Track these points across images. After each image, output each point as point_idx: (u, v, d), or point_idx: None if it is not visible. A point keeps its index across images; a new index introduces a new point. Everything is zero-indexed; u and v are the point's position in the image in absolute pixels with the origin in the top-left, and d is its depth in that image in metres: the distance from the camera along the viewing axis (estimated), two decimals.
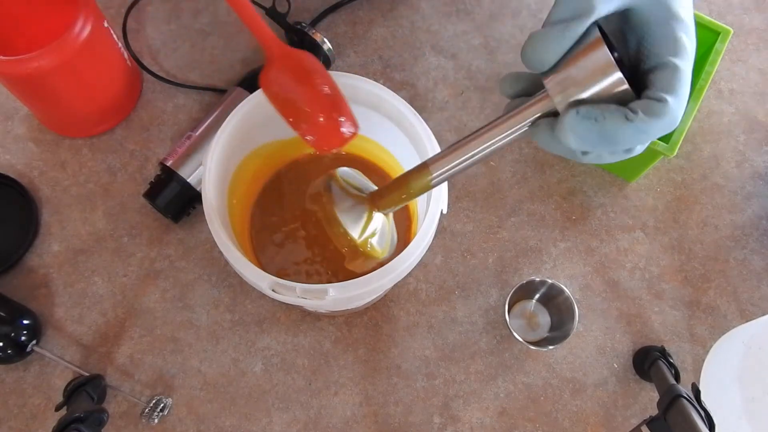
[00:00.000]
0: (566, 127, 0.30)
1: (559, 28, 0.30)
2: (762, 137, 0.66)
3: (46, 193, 0.61)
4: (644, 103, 0.30)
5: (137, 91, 0.65)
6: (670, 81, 0.30)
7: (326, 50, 0.63)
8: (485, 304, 0.59)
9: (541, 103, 0.32)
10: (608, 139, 0.30)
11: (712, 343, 0.59)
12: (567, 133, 0.31)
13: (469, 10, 0.70)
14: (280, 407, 0.56)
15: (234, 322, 0.58)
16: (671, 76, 0.30)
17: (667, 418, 0.47)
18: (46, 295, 0.58)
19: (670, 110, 0.30)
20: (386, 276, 0.42)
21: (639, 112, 0.29)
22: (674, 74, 0.30)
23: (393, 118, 0.50)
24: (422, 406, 0.56)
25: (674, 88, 0.30)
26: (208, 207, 0.44)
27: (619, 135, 0.30)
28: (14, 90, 0.58)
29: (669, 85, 0.30)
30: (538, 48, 0.31)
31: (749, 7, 0.72)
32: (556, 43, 0.31)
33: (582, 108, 0.30)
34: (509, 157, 0.64)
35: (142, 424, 0.55)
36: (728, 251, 0.62)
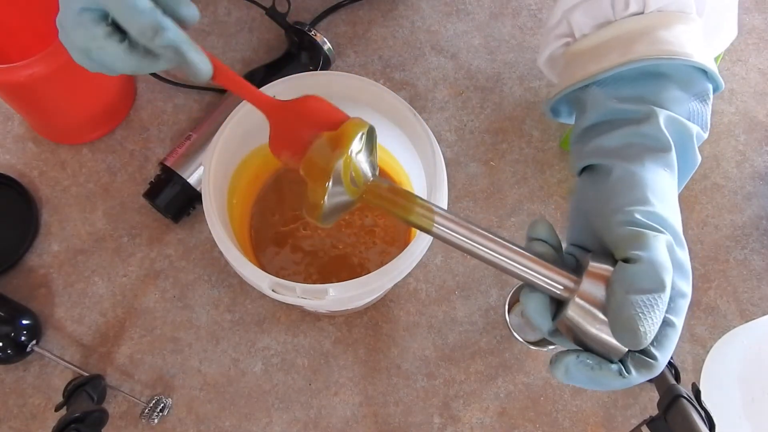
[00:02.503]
0: (562, 366, 0.31)
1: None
2: (762, 137, 0.66)
3: (46, 193, 0.61)
4: (638, 360, 0.31)
5: (131, 98, 0.65)
6: (665, 339, 0.31)
7: (326, 50, 0.63)
8: (485, 304, 0.59)
9: (552, 290, 0.33)
10: (596, 384, 0.32)
11: (712, 343, 0.59)
12: (560, 369, 0.32)
13: (469, 10, 0.70)
14: (280, 407, 0.56)
15: (234, 322, 0.58)
16: (668, 335, 0.32)
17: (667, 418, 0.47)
18: (46, 295, 0.58)
19: (658, 367, 0.31)
20: (386, 276, 0.42)
21: (632, 371, 0.31)
22: (671, 333, 0.32)
23: (393, 118, 0.50)
24: (422, 406, 0.56)
25: (667, 346, 0.32)
26: (208, 207, 0.44)
27: (608, 384, 0.31)
28: (7, 98, 0.58)
29: (663, 344, 0.31)
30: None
31: (749, 7, 0.72)
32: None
33: (582, 355, 0.31)
34: (509, 157, 0.64)
35: (142, 424, 0.55)
36: (728, 251, 0.62)
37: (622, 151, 0.37)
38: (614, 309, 0.30)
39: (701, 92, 0.40)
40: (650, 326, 0.29)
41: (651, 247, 0.31)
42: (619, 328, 0.30)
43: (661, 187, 0.35)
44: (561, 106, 0.49)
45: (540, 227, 0.35)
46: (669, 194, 0.35)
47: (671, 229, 0.33)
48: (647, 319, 0.29)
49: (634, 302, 0.29)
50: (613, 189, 0.36)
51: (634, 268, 0.30)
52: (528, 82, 0.67)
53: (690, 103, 0.40)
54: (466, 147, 0.64)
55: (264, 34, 0.68)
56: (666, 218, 0.33)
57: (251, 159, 0.53)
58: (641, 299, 0.29)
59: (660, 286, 0.30)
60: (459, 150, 0.64)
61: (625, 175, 0.36)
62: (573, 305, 0.31)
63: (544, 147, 0.65)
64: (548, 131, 0.65)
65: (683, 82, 0.40)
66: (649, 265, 0.30)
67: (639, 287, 0.30)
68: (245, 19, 0.69)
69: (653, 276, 0.30)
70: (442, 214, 0.34)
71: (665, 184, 0.36)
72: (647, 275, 0.30)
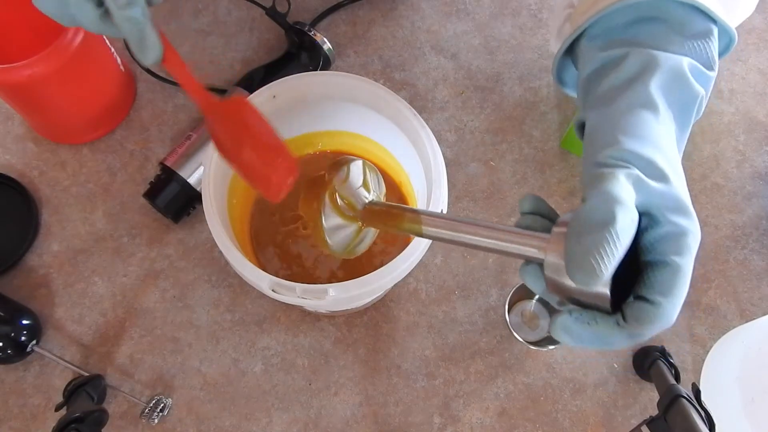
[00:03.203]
0: (559, 327, 0.30)
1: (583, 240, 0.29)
2: (762, 137, 0.66)
3: (46, 193, 0.61)
4: (636, 307, 0.29)
5: (131, 98, 0.65)
6: (669, 282, 0.29)
7: (326, 50, 0.63)
8: (485, 304, 0.59)
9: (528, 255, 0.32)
10: (602, 341, 0.30)
11: (712, 343, 0.59)
12: (560, 333, 0.30)
13: (469, 10, 0.70)
14: (280, 407, 0.56)
15: (234, 322, 0.58)
16: (671, 277, 0.29)
17: (667, 418, 0.47)
18: (46, 295, 0.58)
19: (664, 314, 0.28)
20: (386, 276, 0.42)
21: (629, 319, 0.29)
22: (675, 275, 0.29)
23: (393, 118, 0.50)
24: (422, 406, 0.56)
25: (671, 290, 0.29)
26: (208, 207, 0.44)
27: (611, 339, 0.29)
28: (6, 98, 0.57)
29: (667, 287, 0.29)
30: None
31: None
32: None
33: (575, 312, 0.30)
34: (509, 157, 0.64)
35: (142, 424, 0.55)
36: (728, 251, 0.62)
37: (599, 100, 0.37)
38: (566, 251, 0.29)
39: (700, 32, 0.38)
40: (601, 260, 0.27)
41: (602, 183, 0.30)
42: (570, 269, 0.28)
43: (634, 125, 0.34)
44: (568, 76, 0.49)
45: (526, 201, 0.35)
46: (645, 131, 0.34)
47: (641, 161, 0.32)
48: (597, 254, 0.27)
49: (582, 241, 0.28)
50: (587, 140, 0.35)
51: (583, 207, 0.29)
52: (528, 82, 0.67)
53: (686, 43, 0.38)
54: (466, 147, 0.64)
55: (264, 34, 0.68)
56: (634, 152, 0.32)
57: None
58: (590, 236, 0.28)
59: (608, 219, 0.28)
60: (459, 150, 0.64)
61: (597, 123, 0.35)
62: (546, 264, 0.31)
63: (544, 147, 0.65)
64: (548, 131, 0.65)
65: (677, 23, 0.38)
66: (597, 199, 0.29)
67: (587, 224, 0.28)
68: (245, 19, 0.69)
69: (600, 209, 0.29)
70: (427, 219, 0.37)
71: (641, 121, 0.34)
72: (594, 210, 0.29)
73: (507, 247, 0.33)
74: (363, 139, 0.55)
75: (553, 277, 0.31)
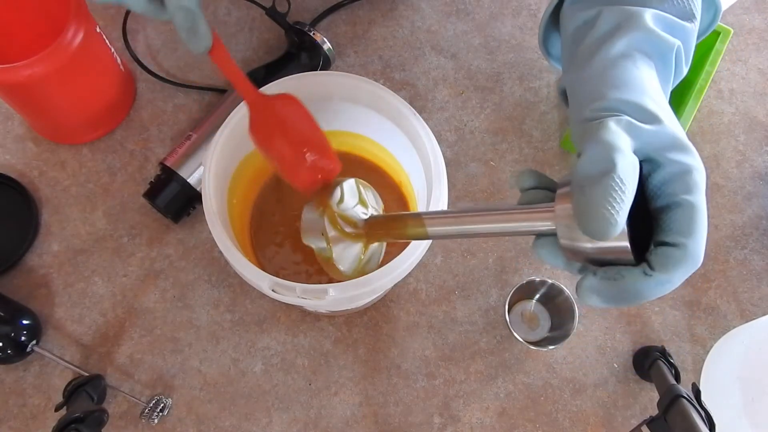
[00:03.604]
0: (587, 289, 0.29)
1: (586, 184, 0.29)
2: (762, 137, 0.66)
3: (46, 193, 0.61)
4: (661, 252, 0.28)
5: (131, 98, 0.65)
6: (687, 221, 0.28)
7: (326, 50, 0.63)
8: (485, 304, 0.59)
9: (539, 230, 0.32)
10: (632, 296, 0.29)
11: (712, 343, 0.59)
12: (589, 295, 0.29)
13: (469, 10, 0.70)
14: (280, 407, 0.56)
15: (234, 322, 0.58)
16: (688, 215, 0.28)
17: (667, 418, 0.47)
18: (46, 295, 0.58)
19: (689, 254, 0.28)
20: (386, 276, 0.42)
21: (656, 266, 0.28)
22: (690, 213, 0.28)
23: (393, 118, 0.50)
24: (422, 406, 0.56)
25: (692, 229, 0.28)
26: (208, 207, 0.44)
27: (643, 290, 0.28)
28: (6, 98, 0.57)
29: (686, 226, 0.28)
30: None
31: (749, 7, 0.72)
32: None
33: (599, 271, 0.29)
34: (509, 157, 0.64)
35: (142, 424, 0.55)
36: (728, 251, 0.62)
37: (578, 61, 0.36)
38: (575, 208, 0.28)
39: None
40: (612, 208, 0.27)
41: (593, 133, 0.30)
42: (584, 224, 0.28)
43: (616, 76, 0.33)
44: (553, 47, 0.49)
45: (525, 177, 0.34)
46: (630, 79, 0.33)
47: (630, 107, 0.31)
48: (607, 202, 0.27)
49: (587, 192, 0.27)
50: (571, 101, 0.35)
51: (580, 159, 0.29)
52: (528, 82, 0.67)
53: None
54: (466, 147, 0.64)
55: (264, 34, 0.68)
56: (622, 99, 0.31)
57: (251, 159, 0.53)
58: (594, 186, 0.27)
59: (609, 166, 0.27)
60: (459, 150, 0.64)
61: (578, 81, 0.35)
62: (558, 232, 0.30)
63: (544, 147, 0.65)
64: (548, 131, 0.65)
65: None
66: (593, 150, 0.29)
67: (586, 175, 0.28)
68: (245, 19, 0.69)
69: (598, 158, 0.28)
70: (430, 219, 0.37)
71: (624, 71, 0.34)
72: (592, 160, 0.28)
73: (515, 227, 0.32)
74: (363, 139, 0.55)
75: (569, 242, 0.30)
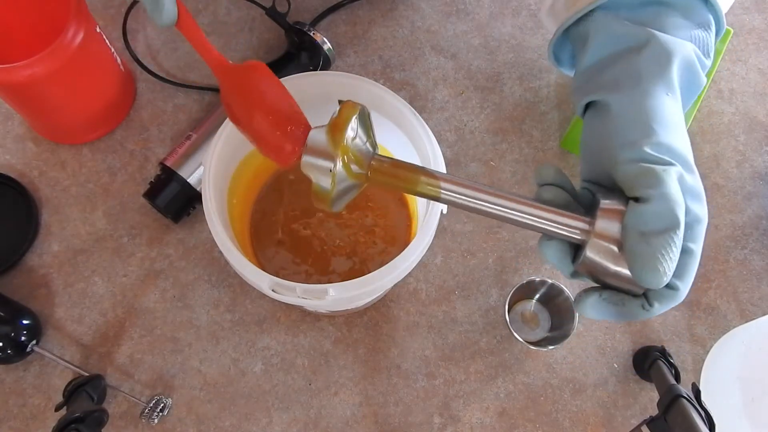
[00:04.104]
0: (588, 306, 0.32)
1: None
2: (762, 137, 0.66)
3: (46, 193, 0.61)
4: (660, 293, 0.31)
5: (131, 98, 0.65)
6: (685, 268, 0.31)
7: (326, 50, 0.63)
8: (485, 304, 0.59)
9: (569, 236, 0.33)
10: (623, 318, 0.32)
11: (712, 343, 0.59)
12: (588, 310, 0.32)
13: (469, 10, 0.70)
14: (280, 407, 0.56)
15: (234, 322, 0.58)
16: (686, 263, 0.31)
17: (667, 418, 0.47)
18: (46, 295, 0.58)
19: (680, 295, 0.31)
20: (386, 276, 0.42)
21: (655, 303, 0.31)
22: (690, 261, 0.31)
23: (393, 118, 0.50)
24: (422, 406, 0.56)
25: (688, 274, 0.31)
26: (208, 207, 0.44)
27: (633, 316, 0.32)
28: (6, 98, 0.57)
29: (684, 273, 0.31)
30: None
31: (749, 7, 0.72)
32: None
33: (605, 293, 0.32)
34: (509, 157, 0.64)
35: (142, 424, 0.55)
36: (728, 251, 0.62)
37: (622, 82, 0.37)
38: (631, 250, 0.30)
39: (703, 22, 0.39)
40: (669, 264, 0.29)
41: (661, 183, 0.31)
42: (638, 270, 0.30)
43: (663, 113, 0.34)
44: (563, 54, 0.48)
45: (546, 171, 0.35)
46: (673, 119, 0.35)
47: (680, 158, 0.33)
48: (665, 258, 0.29)
49: (650, 243, 0.29)
50: (616, 123, 0.35)
51: (647, 208, 0.30)
52: (528, 82, 0.67)
53: (692, 31, 0.39)
54: (466, 147, 0.64)
55: (264, 34, 0.68)
56: (673, 146, 0.33)
57: (251, 159, 0.53)
58: (658, 240, 0.29)
59: (675, 224, 0.30)
60: (459, 150, 0.64)
61: (627, 107, 0.35)
62: (591, 246, 0.31)
63: (544, 147, 0.65)
64: (548, 131, 0.65)
65: (684, 9, 0.39)
66: (662, 203, 0.30)
67: (654, 228, 0.30)
68: (245, 19, 0.69)
69: (667, 213, 0.30)
70: (448, 179, 0.35)
71: (669, 108, 0.35)
72: (661, 214, 0.30)
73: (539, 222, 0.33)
74: None
75: (596, 260, 0.31)
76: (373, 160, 0.37)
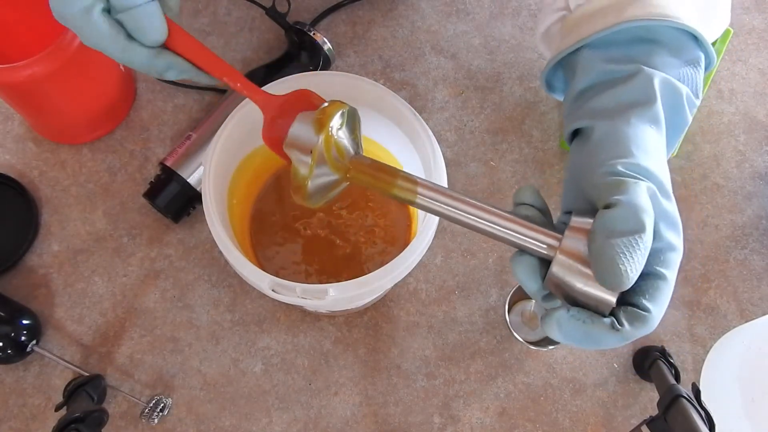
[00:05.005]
0: (554, 321, 0.31)
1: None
2: (762, 137, 0.66)
3: (46, 193, 0.61)
4: (630, 313, 0.31)
5: (131, 98, 0.65)
6: (657, 292, 0.31)
7: (326, 50, 0.63)
8: (485, 304, 0.59)
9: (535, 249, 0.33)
10: (591, 340, 0.31)
11: (712, 343, 0.59)
12: (553, 327, 0.31)
13: (469, 10, 0.70)
14: (280, 407, 0.56)
15: (234, 322, 0.58)
16: (659, 287, 0.31)
17: (667, 418, 0.47)
18: (46, 295, 0.58)
19: (652, 320, 0.30)
20: (386, 276, 0.42)
21: (625, 324, 0.30)
22: (662, 286, 0.31)
23: (393, 118, 0.50)
24: (422, 406, 0.56)
25: (660, 299, 0.31)
26: (208, 207, 0.44)
27: (603, 339, 0.31)
28: (6, 98, 0.57)
29: (655, 297, 0.31)
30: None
31: (749, 7, 0.72)
32: None
33: (573, 310, 0.31)
34: (509, 157, 0.64)
35: (142, 424, 0.55)
36: (728, 251, 0.62)
37: (608, 111, 0.37)
38: (595, 253, 0.30)
39: (692, 59, 0.40)
40: (631, 265, 0.29)
41: (630, 191, 0.31)
42: (600, 271, 0.30)
43: (645, 141, 0.35)
44: (556, 80, 0.49)
45: (524, 192, 0.35)
46: (654, 148, 0.35)
47: (655, 179, 0.33)
48: (628, 258, 0.29)
49: (614, 244, 0.29)
50: (596, 146, 0.36)
51: (613, 212, 0.30)
52: (528, 82, 0.67)
53: (681, 69, 0.40)
54: (466, 147, 0.64)
55: (264, 34, 0.68)
56: (650, 169, 0.33)
57: (251, 159, 0.53)
58: (621, 240, 0.29)
59: (640, 227, 0.30)
60: (459, 150, 0.64)
61: (608, 132, 0.36)
62: (557, 261, 0.31)
63: (544, 147, 0.65)
64: (548, 131, 0.65)
65: (674, 47, 0.40)
66: (628, 207, 0.30)
67: (618, 229, 0.30)
68: (245, 19, 0.69)
69: (632, 217, 0.30)
70: (425, 185, 0.35)
71: (650, 138, 0.35)
72: (626, 218, 0.30)
73: (510, 234, 0.33)
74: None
75: (561, 275, 0.31)
76: (354, 156, 0.38)
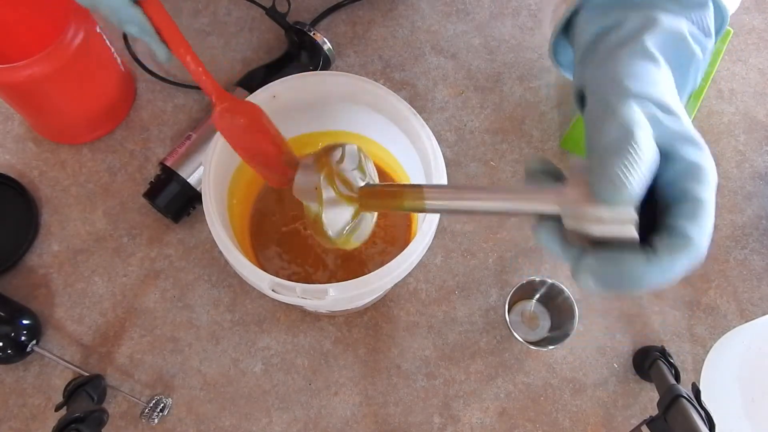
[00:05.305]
0: (583, 270, 0.29)
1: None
2: (762, 137, 0.66)
3: (46, 193, 0.61)
4: (667, 236, 0.28)
5: (131, 98, 0.65)
6: (696, 215, 0.28)
7: (326, 50, 0.63)
8: (485, 304, 0.59)
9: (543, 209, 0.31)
10: (631, 281, 0.28)
11: (712, 343, 0.59)
12: (586, 277, 0.29)
13: (469, 10, 0.70)
14: (280, 407, 0.56)
15: (234, 322, 0.58)
16: (698, 208, 0.28)
17: (667, 418, 0.47)
18: (46, 295, 0.58)
19: (695, 244, 0.27)
20: (386, 276, 0.42)
21: (661, 250, 0.27)
22: (700, 207, 0.28)
23: (393, 118, 0.50)
24: (422, 406, 0.56)
25: (698, 221, 0.28)
26: (208, 207, 0.44)
27: (642, 276, 0.28)
28: (6, 98, 0.57)
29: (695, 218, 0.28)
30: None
31: (749, 7, 0.72)
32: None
33: (600, 252, 0.29)
34: (509, 157, 0.64)
35: (142, 424, 0.55)
36: (728, 251, 0.62)
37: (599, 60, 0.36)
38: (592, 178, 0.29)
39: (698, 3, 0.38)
40: (625, 170, 0.27)
41: (616, 110, 0.30)
42: (596, 184, 0.28)
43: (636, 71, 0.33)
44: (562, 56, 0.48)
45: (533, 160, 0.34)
46: (648, 76, 0.33)
47: (652, 99, 0.31)
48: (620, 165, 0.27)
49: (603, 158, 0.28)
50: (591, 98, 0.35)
51: (602, 129, 0.30)
52: (528, 82, 0.67)
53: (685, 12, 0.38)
54: (466, 147, 0.64)
55: (264, 34, 0.68)
56: (647, 92, 0.32)
57: None
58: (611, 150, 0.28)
59: (625, 133, 0.28)
60: (459, 150, 0.64)
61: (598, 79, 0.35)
62: (565, 211, 0.30)
63: (544, 147, 0.65)
64: (548, 131, 0.65)
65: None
66: (615, 120, 0.29)
67: (607, 142, 0.29)
68: (245, 19, 0.69)
69: (619, 127, 0.29)
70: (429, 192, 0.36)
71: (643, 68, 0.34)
72: (613, 129, 0.29)
73: (518, 206, 0.32)
74: (363, 139, 0.55)
75: (574, 222, 0.30)
76: (362, 186, 0.40)
